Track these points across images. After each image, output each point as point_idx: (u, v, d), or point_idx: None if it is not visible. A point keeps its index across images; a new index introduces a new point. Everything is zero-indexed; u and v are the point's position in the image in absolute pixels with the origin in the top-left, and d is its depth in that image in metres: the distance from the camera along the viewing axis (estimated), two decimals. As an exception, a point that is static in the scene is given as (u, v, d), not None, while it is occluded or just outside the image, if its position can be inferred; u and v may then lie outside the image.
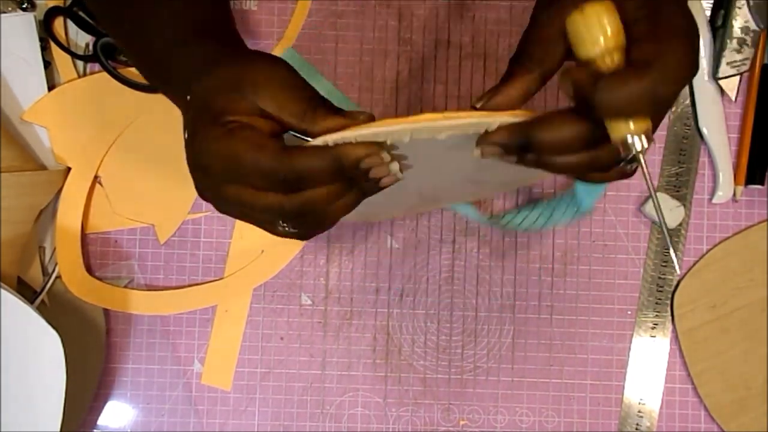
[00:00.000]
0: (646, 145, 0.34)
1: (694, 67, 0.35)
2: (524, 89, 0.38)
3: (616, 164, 0.37)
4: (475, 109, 0.39)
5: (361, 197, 0.39)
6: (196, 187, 0.40)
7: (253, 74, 0.38)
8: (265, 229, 0.40)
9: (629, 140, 0.34)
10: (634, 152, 0.34)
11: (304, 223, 0.39)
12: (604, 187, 0.59)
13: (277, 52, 0.60)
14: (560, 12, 0.36)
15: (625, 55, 0.35)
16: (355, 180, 0.37)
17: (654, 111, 0.35)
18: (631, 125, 0.34)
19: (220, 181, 0.38)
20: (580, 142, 0.36)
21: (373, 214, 0.57)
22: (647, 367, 0.59)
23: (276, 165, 0.36)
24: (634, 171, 0.38)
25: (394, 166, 0.37)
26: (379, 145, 0.36)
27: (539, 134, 0.36)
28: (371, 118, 0.37)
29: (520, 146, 0.36)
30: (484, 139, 0.37)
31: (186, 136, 0.39)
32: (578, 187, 0.54)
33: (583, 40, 0.35)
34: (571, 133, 0.35)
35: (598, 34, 0.34)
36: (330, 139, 0.37)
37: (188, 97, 0.39)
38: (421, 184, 0.47)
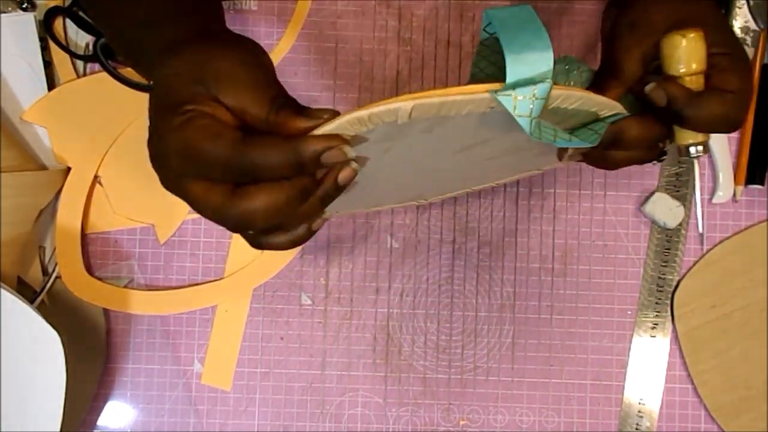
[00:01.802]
0: (702, 154, 0.42)
1: (749, 103, 0.47)
2: (617, 96, 0.44)
3: (653, 160, 0.45)
4: None
5: (319, 205, 0.38)
6: (160, 179, 0.39)
7: (215, 66, 0.37)
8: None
9: (692, 150, 0.42)
10: (692, 158, 0.43)
11: (235, 227, 0.38)
12: None
13: (283, 49, 0.60)
14: (647, 34, 0.43)
15: (705, 79, 0.42)
16: (309, 185, 0.37)
17: (724, 130, 0.42)
18: (699, 137, 0.42)
19: (178, 174, 0.37)
20: (653, 142, 0.43)
21: (364, 200, 0.54)
22: (647, 367, 0.59)
23: (232, 154, 0.35)
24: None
25: (354, 164, 0.37)
26: (343, 140, 0.36)
27: (630, 132, 0.42)
28: (335, 115, 0.37)
29: (612, 143, 0.42)
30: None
31: (147, 123, 0.38)
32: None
33: (678, 59, 0.41)
34: (651, 134, 0.42)
35: (693, 57, 0.41)
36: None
37: (150, 82, 0.38)
38: (412, 167, 0.47)
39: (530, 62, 0.36)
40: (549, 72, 0.36)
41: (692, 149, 0.42)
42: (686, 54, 0.41)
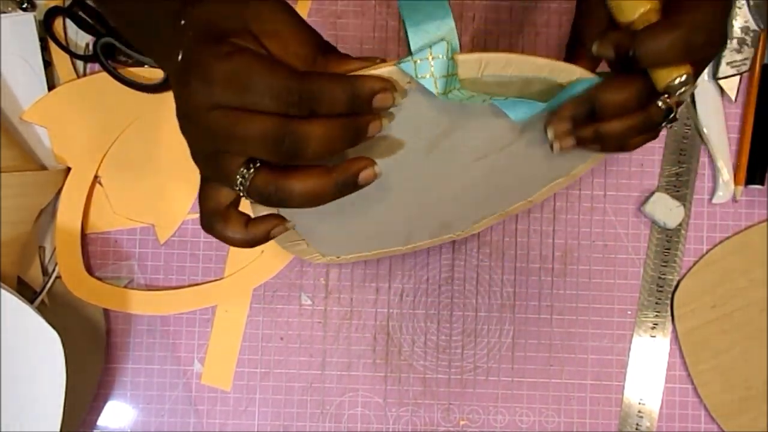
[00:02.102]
0: (687, 87, 0.38)
1: (724, 20, 0.39)
2: (588, 69, 0.41)
3: (661, 123, 0.41)
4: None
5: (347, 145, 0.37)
6: (180, 112, 0.37)
7: (257, 8, 0.36)
8: (212, 198, 0.39)
9: (675, 83, 0.38)
10: (678, 93, 0.38)
11: (280, 154, 0.36)
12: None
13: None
14: None
15: (660, 14, 0.38)
16: (362, 126, 0.36)
17: (689, 58, 0.38)
18: (672, 72, 0.38)
19: (212, 105, 0.35)
20: (637, 101, 0.39)
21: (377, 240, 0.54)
22: (647, 367, 0.59)
23: (293, 84, 0.34)
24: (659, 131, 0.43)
25: (377, 168, 0.37)
26: (395, 87, 0.36)
27: (604, 97, 0.39)
28: (383, 62, 0.37)
29: (588, 113, 0.40)
30: (555, 117, 0.40)
31: (179, 57, 0.36)
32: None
33: (623, 7, 0.38)
34: (628, 93, 0.39)
35: None
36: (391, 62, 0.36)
37: (182, 22, 0.36)
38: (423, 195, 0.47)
39: (431, 30, 0.36)
40: (449, 33, 0.36)
41: (677, 81, 0.38)
42: None
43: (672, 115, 0.40)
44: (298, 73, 0.35)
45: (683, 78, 0.38)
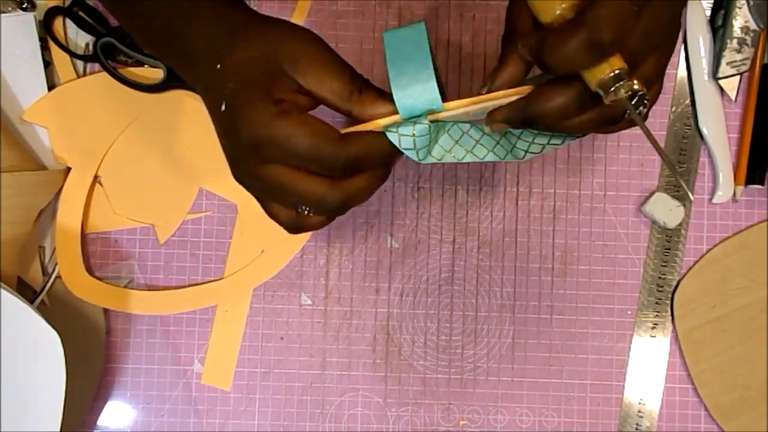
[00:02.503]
0: (625, 80, 0.35)
1: (645, 11, 0.35)
2: (521, 65, 0.40)
3: (625, 114, 0.38)
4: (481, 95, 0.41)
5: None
6: (229, 159, 0.39)
7: (289, 47, 0.37)
8: (279, 214, 0.41)
9: (607, 79, 0.35)
10: (615, 92, 0.35)
11: (328, 210, 0.40)
12: None
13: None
14: None
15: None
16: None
17: (605, 57, 0.35)
18: (599, 70, 0.35)
19: (262, 160, 0.37)
20: (576, 105, 0.37)
21: None
22: (647, 367, 0.59)
23: (338, 152, 0.36)
24: (646, 115, 0.39)
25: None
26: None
27: (535, 108, 0.37)
28: None
29: (523, 121, 0.38)
30: (490, 117, 0.40)
31: (224, 108, 0.37)
32: None
33: (539, 9, 0.36)
34: (563, 100, 0.37)
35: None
36: (382, 123, 0.38)
37: (218, 66, 0.37)
38: None
39: (416, 95, 0.39)
40: (434, 101, 0.39)
41: (609, 77, 0.35)
42: None
43: (636, 100, 0.36)
44: (339, 140, 0.37)
45: (615, 73, 0.34)
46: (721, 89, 0.60)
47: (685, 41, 0.60)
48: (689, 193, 0.41)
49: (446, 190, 0.60)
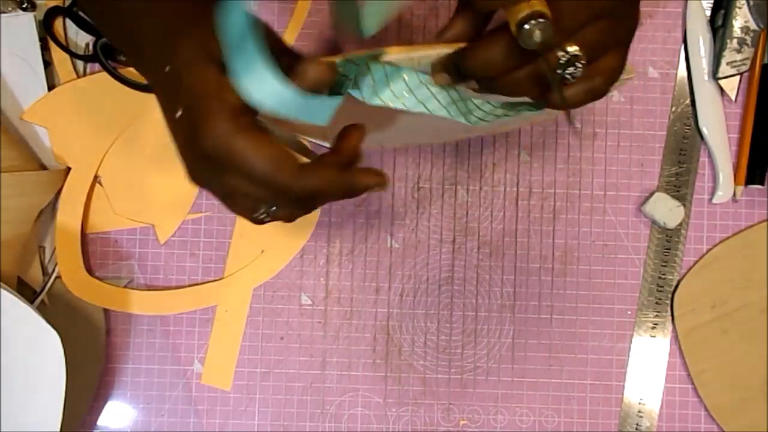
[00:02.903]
0: (539, 21, 0.34)
1: None
2: (468, 24, 0.40)
3: (556, 72, 0.36)
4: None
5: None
6: (185, 164, 0.39)
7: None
8: (242, 214, 0.40)
9: (524, 18, 0.34)
10: (530, 33, 0.34)
11: (287, 218, 0.41)
12: None
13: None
14: None
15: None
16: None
17: None
18: (516, 10, 0.34)
19: (219, 170, 0.37)
20: (505, 56, 0.37)
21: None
22: (647, 367, 0.59)
23: (291, 184, 0.37)
24: (607, 89, 0.39)
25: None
26: (386, 180, 0.41)
27: (467, 58, 0.38)
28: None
29: (458, 73, 0.39)
30: (432, 67, 0.40)
31: (179, 114, 0.37)
32: None
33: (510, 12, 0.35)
34: (493, 50, 0.37)
35: None
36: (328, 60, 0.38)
37: (167, 69, 0.37)
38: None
39: (255, 89, 0.36)
40: (277, 91, 0.36)
41: (525, 16, 0.34)
42: None
43: (567, 61, 0.35)
44: (295, 171, 0.37)
45: (531, 12, 0.34)
46: (721, 89, 0.60)
47: (685, 41, 0.60)
48: (571, 123, 0.42)
49: (446, 190, 0.60)
